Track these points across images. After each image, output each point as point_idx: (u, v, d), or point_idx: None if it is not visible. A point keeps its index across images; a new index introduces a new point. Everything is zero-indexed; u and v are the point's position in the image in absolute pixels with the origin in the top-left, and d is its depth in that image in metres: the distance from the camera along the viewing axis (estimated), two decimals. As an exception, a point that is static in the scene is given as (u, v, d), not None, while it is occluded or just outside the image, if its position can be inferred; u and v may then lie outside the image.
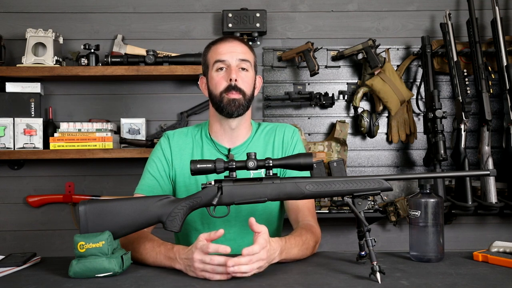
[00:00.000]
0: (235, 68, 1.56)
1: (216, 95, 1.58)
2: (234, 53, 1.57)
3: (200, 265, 1.24)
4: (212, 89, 1.59)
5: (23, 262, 1.39)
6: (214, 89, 1.58)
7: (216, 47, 1.60)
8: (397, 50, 2.75)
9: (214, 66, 1.58)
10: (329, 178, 1.31)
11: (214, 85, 1.58)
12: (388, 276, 1.24)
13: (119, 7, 2.74)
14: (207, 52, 1.63)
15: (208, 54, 1.62)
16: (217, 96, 1.57)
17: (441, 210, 1.41)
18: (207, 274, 1.23)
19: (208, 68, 1.61)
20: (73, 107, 2.72)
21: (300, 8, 2.77)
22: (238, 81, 1.55)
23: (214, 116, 1.64)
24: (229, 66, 1.57)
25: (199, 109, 2.71)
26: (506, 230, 2.75)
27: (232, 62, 1.57)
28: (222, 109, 1.57)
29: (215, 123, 1.64)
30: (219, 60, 1.57)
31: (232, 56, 1.57)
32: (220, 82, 1.57)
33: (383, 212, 2.58)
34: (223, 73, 1.57)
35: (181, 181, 1.62)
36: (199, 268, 1.24)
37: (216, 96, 1.58)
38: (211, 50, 1.62)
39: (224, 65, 1.57)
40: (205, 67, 1.64)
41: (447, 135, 2.63)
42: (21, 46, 2.57)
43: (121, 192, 2.70)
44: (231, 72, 1.55)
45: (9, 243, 2.70)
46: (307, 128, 2.75)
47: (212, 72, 1.59)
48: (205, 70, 1.64)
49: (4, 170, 2.70)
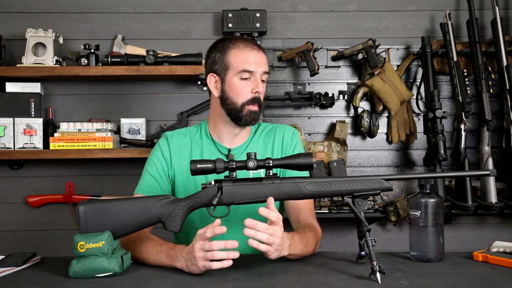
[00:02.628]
0: (259, 80, 1.55)
1: (236, 103, 1.55)
2: (260, 64, 1.55)
3: (200, 254, 1.24)
4: (232, 96, 1.55)
5: (23, 262, 1.39)
6: (235, 97, 1.55)
7: (243, 54, 1.55)
8: (397, 50, 2.75)
9: (240, 74, 1.54)
10: (329, 178, 1.31)
11: (236, 93, 1.55)
12: (388, 276, 1.24)
13: (119, 7, 2.74)
14: (227, 53, 1.56)
15: (230, 57, 1.56)
16: (237, 104, 1.55)
17: (441, 210, 1.41)
18: (207, 263, 1.23)
19: (228, 71, 1.56)
20: (73, 107, 2.72)
21: (300, 8, 2.77)
22: (260, 94, 1.56)
23: (220, 117, 1.61)
24: (255, 77, 1.55)
25: (199, 109, 2.71)
26: (506, 230, 2.75)
27: (258, 75, 1.55)
28: (240, 118, 1.55)
29: (220, 124, 1.62)
30: (247, 71, 1.54)
31: (258, 67, 1.55)
32: (244, 92, 1.54)
33: (383, 212, 2.58)
34: (247, 83, 1.55)
35: (180, 181, 1.62)
36: (200, 257, 1.24)
37: (235, 104, 1.55)
38: (233, 53, 1.56)
39: (251, 76, 1.55)
40: (221, 67, 1.57)
41: (447, 135, 2.63)
42: (21, 46, 2.57)
43: (121, 192, 2.70)
44: (258, 85, 1.54)
45: (9, 243, 2.70)
46: (307, 128, 2.75)
47: (234, 78, 1.55)
48: (220, 71, 1.57)
49: (4, 170, 2.70)
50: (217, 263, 1.23)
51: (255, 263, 1.35)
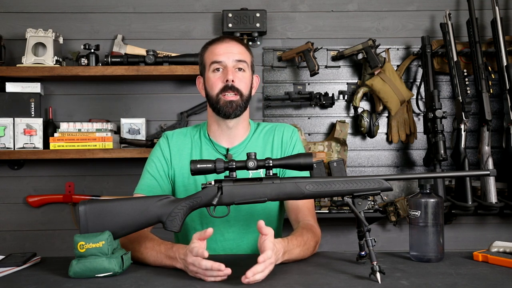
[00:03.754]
0: (232, 69, 1.56)
1: (212, 96, 1.58)
2: (230, 53, 1.57)
3: (193, 268, 1.24)
4: (209, 90, 1.60)
5: (23, 262, 1.39)
6: (211, 90, 1.59)
7: (213, 48, 1.60)
8: (397, 50, 2.75)
9: (211, 67, 1.58)
10: (329, 178, 1.31)
11: (211, 86, 1.58)
12: (388, 276, 1.24)
13: (119, 7, 2.74)
14: (203, 53, 1.64)
15: (205, 55, 1.62)
16: (214, 97, 1.58)
17: (441, 210, 1.41)
18: (201, 276, 1.24)
19: (205, 68, 1.61)
20: (73, 107, 2.72)
21: (300, 8, 2.77)
22: (235, 81, 1.56)
23: (211, 117, 1.64)
24: (226, 67, 1.57)
25: (199, 109, 2.71)
26: (506, 230, 2.75)
27: (229, 63, 1.57)
28: (219, 110, 1.57)
29: (213, 123, 1.64)
30: (216, 61, 1.57)
31: (229, 56, 1.57)
32: (216, 83, 1.57)
33: (383, 212, 2.58)
34: (219, 74, 1.58)
35: (180, 181, 1.63)
36: (193, 270, 1.25)
37: (212, 97, 1.58)
38: (207, 50, 1.62)
39: (221, 66, 1.57)
40: (202, 67, 1.64)
41: (447, 135, 2.63)
42: (21, 46, 2.57)
43: (121, 192, 2.70)
44: (228, 73, 1.56)
45: (9, 243, 2.70)
46: (307, 128, 2.75)
47: (208, 73, 1.59)
48: (202, 71, 1.64)
49: (4, 170, 2.70)
50: (210, 278, 1.22)
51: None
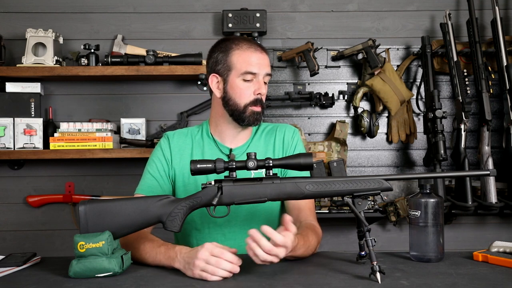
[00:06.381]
0: (262, 82, 1.56)
1: (238, 104, 1.56)
2: (263, 66, 1.56)
3: (201, 264, 1.24)
4: (234, 97, 1.56)
5: (23, 262, 1.39)
6: (238, 98, 1.55)
7: (246, 55, 1.55)
8: (397, 50, 2.75)
9: (243, 75, 1.54)
10: (329, 178, 1.31)
11: (239, 94, 1.55)
12: (388, 276, 1.24)
13: (119, 7, 2.74)
14: (230, 54, 1.56)
15: (233, 58, 1.55)
16: (240, 105, 1.55)
17: (441, 210, 1.41)
18: (204, 273, 1.23)
19: (231, 72, 1.56)
20: (73, 107, 2.72)
21: (300, 8, 2.77)
22: (263, 95, 1.57)
23: (222, 118, 1.61)
24: (257, 79, 1.56)
25: (199, 109, 2.71)
26: (506, 230, 2.75)
27: (261, 76, 1.56)
28: (243, 119, 1.56)
29: (222, 124, 1.62)
30: (251, 72, 1.54)
31: (261, 69, 1.55)
32: (246, 93, 1.55)
33: (383, 212, 2.58)
34: (250, 84, 1.55)
35: (180, 181, 1.62)
36: (200, 266, 1.24)
37: (238, 105, 1.56)
38: (236, 54, 1.56)
39: (254, 77, 1.56)
40: (224, 68, 1.56)
41: (447, 135, 2.63)
42: (21, 46, 2.57)
43: (121, 192, 2.70)
44: (261, 87, 1.55)
45: (9, 243, 2.70)
46: (307, 128, 2.75)
47: (236, 79, 1.55)
48: (222, 71, 1.57)
49: (4, 170, 2.70)
50: (213, 277, 1.23)
51: (255, 263, 1.35)
